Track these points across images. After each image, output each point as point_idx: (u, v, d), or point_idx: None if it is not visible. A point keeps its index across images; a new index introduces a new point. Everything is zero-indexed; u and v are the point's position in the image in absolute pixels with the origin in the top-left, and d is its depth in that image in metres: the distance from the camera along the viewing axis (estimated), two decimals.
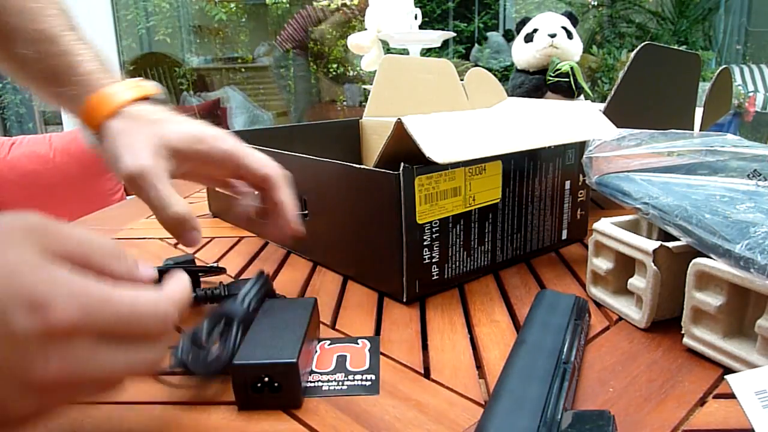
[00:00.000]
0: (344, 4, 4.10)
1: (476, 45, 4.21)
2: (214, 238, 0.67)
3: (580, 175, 0.58)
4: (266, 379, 0.33)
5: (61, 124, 2.36)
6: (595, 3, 4.22)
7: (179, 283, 0.28)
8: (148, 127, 0.40)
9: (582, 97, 1.20)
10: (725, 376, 0.34)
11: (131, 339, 0.25)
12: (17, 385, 0.22)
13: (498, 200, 0.51)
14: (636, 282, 0.41)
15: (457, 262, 0.49)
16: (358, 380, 0.36)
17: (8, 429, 0.23)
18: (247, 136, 0.71)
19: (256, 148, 0.62)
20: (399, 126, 0.43)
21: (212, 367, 0.34)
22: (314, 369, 0.37)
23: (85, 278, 0.23)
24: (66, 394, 0.24)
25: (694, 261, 0.37)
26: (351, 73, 4.22)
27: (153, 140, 0.39)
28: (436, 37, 1.35)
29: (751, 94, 3.59)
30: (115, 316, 0.23)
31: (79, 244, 0.25)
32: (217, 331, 0.36)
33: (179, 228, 0.39)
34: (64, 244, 0.24)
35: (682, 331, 0.38)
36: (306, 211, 0.56)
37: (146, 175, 0.37)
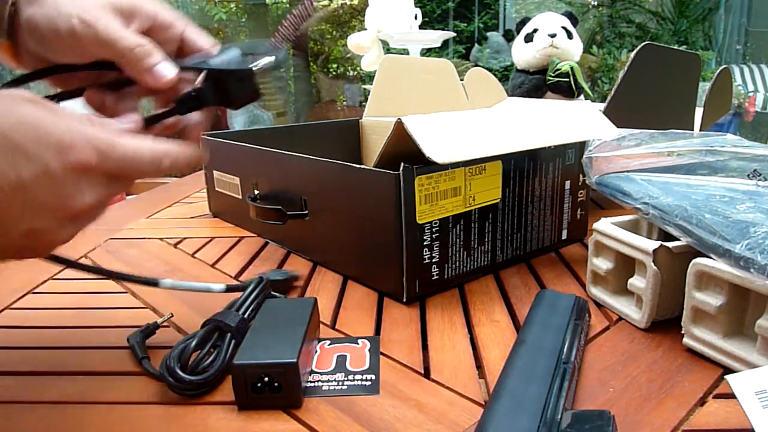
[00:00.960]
0: (344, 4, 4.10)
1: (476, 45, 4.21)
2: (214, 238, 0.67)
3: (580, 175, 0.58)
4: (266, 379, 0.33)
5: None
6: (595, 3, 4.22)
7: (175, 144, 0.32)
8: None
9: (582, 97, 1.20)
10: (725, 376, 0.34)
11: (129, 177, 0.30)
12: (61, 216, 0.27)
13: (498, 200, 0.51)
14: (636, 282, 0.41)
15: (457, 262, 0.49)
16: (358, 380, 0.36)
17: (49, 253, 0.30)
18: (248, 136, 0.71)
19: (256, 148, 0.63)
20: (399, 126, 0.43)
21: (192, 384, 0.34)
22: (314, 369, 0.37)
23: (94, 126, 0.28)
24: (89, 220, 0.30)
25: (694, 261, 0.37)
26: (351, 74, 4.23)
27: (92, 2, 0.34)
28: (436, 37, 1.35)
29: (751, 94, 3.59)
30: (121, 160, 0.28)
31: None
32: (210, 343, 0.36)
33: (142, 58, 0.34)
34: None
35: (682, 331, 0.38)
36: (306, 211, 0.56)
37: (90, 19, 0.33)
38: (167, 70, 0.34)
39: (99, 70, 0.35)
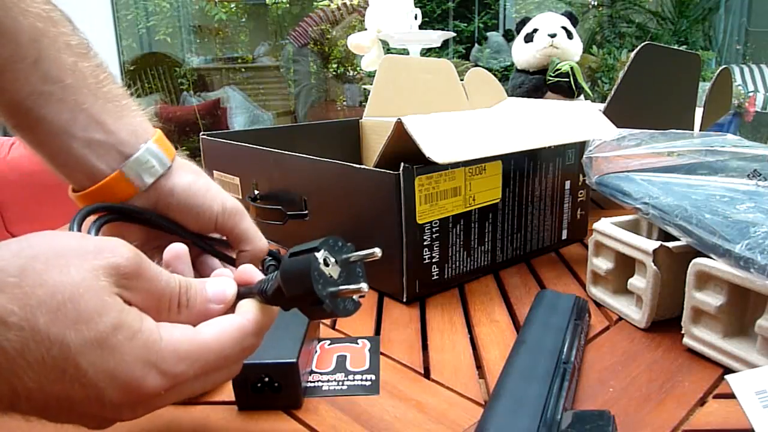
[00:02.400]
0: (344, 4, 4.10)
1: (476, 45, 4.21)
2: None
3: (580, 175, 0.58)
4: (266, 379, 0.33)
5: None
6: (595, 3, 4.22)
7: (257, 306, 0.28)
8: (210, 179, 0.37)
9: (582, 97, 1.20)
10: (725, 376, 0.34)
11: (219, 369, 0.27)
12: (105, 420, 0.25)
13: (498, 200, 0.51)
14: (636, 282, 0.41)
15: (457, 262, 0.49)
16: (358, 380, 0.36)
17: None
18: (248, 136, 0.71)
19: (255, 148, 0.63)
20: (399, 126, 0.43)
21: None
22: (314, 369, 0.37)
23: (171, 335, 0.25)
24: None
25: (694, 261, 0.37)
26: (351, 73, 4.22)
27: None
28: (436, 37, 1.35)
29: (751, 94, 3.59)
30: (204, 364, 0.25)
31: (157, 293, 0.25)
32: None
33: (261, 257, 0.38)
34: (145, 295, 0.25)
35: (682, 331, 0.38)
36: (306, 211, 0.56)
37: (242, 210, 0.37)
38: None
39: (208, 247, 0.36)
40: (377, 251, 0.29)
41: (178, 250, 0.32)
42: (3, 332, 0.21)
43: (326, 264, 0.27)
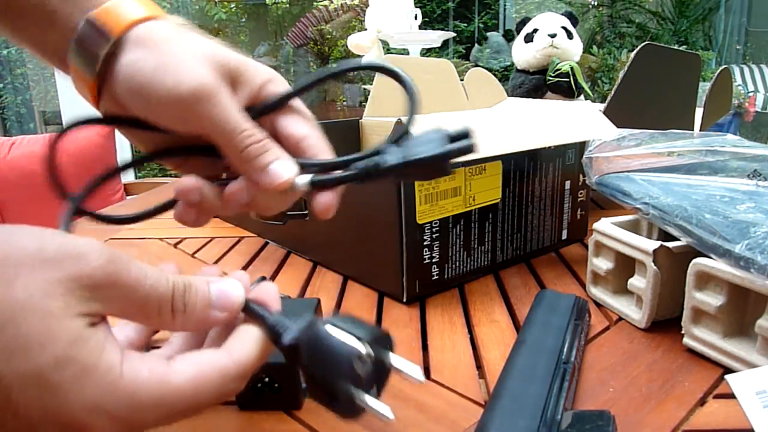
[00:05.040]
0: (344, 4, 4.10)
1: (476, 45, 4.21)
2: (214, 238, 0.67)
3: (580, 175, 0.58)
4: (266, 379, 0.33)
5: (61, 124, 2.37)
6: (595, 3, 4.22)
7: (251, 343, 0.24)
8: (194, 41, 0.28)
9: (582, 97, 1.20)
10: (725, 376, 0.34)
11: (186, 413, 0.23)
12: None
13: (498, 200, 0.51)
14: (636, 282, 0.41)
15: (457, 262, 0.49)
16: None
17: None
18: None
19: None
20: (399, 126, 0.43)
21: None
22: None
23: (135, 375, 0.20)
24: None
25: (694, 261, 0.37)
26: (351, 74, 4.22)
27: (206, 54, 0.28)
28: (436, 37, 1.35)
29: (751, 94, 3.59)
30: (170, 412, 0.21)
31: (140, 300, 0.22)
32: None
33: (259, 157, 0.28)
34: (125, 304, 0.21)
35: (682, 331, 0.38)
36: (306, 211, 0.56)
37: (209, 92, 0.27)
38: (284, 170, 0.28)
39: (201, 155, 0.30)
40: (418, 375, 0.23)
41: (183, 185, 0.28)
42: None
43: (361, 361, 0.22)
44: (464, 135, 0.26)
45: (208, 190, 0.29)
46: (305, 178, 0.29)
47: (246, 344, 0.23)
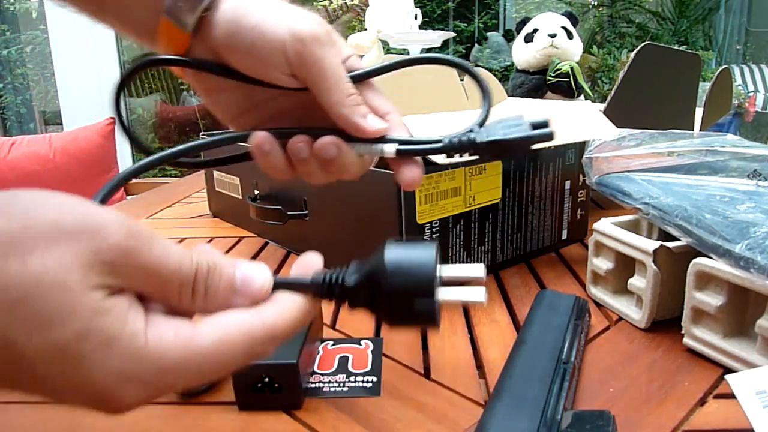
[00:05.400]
0: (344, 4, 4.10)
1: (476, 45, 4.20)
2: (214, 238, 0.67)
3: (580, 175, 0.58)
4: (266, 379, 0.33)
5: (61, 124, 2.36)
6: (595, 3, 4.21)
7: (284, 306, 0.23)
8: (288, 3, 0.30)
9: (582, 97, 1.20)
10: (725, 376, 0.34)
11: (213, 375, 0.22)
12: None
13: (498, 200, 0.51)
14: (636, 282, 0.41)
15: (457, 262, 0.49)
16: (359, 382, 0.36)
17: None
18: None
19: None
20: None
21: None
22: (316, 370, 0.37)
23: (160, 339, 0.20)
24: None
25: (694, 261, 0.37)
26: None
27: (308, 12, 0.30)
28: (436, 37, 1.35)
29: (751, 94, 3.59)
30: (197, 374, 0.21)
31: (161, 278, 0.21)
32: None
33: (360, 106, 0.30)
34: (145, 280, 0.21)
35: (682, 331, 0.38)
36: (306, 211, 0.56)
37: (325, 38, 0.29)
38: (379, 121, 0.31)
39: (284, 89, 0.30)
40: (480, 273, 0.24)
41: (258, 139, 0.29)
42: None
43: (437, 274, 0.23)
44: (544, 124, 0.29)
45: (277, 146, 0.30)
46: (392, 146, 0.30)
47: (278, 307, 0.23)
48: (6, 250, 0.18)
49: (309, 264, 0.26)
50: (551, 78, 1.21)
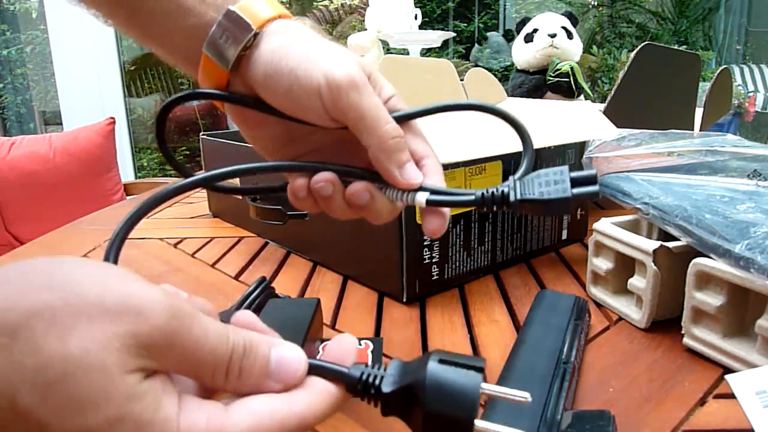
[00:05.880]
0: (344, 4, 4.10)
1: (476, 45, 4.20)
2: (214, 238, 0.67)
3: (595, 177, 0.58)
4: None
5: (61, 124, 2.36)
6: (595, 3, 4.21)
7: (318, 397, 0.22)
8: (331, 42, 0.31)
9: (582, 97, 1.20)
10: (725, 376, 0.34)
11: None
12: None
13: None
14: (636, 282, 0.41)
15: (457, 262, 0.49)
16: None
17: None
18: None
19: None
20: None
21: None
22: None
23: (191, 426, 0.19)
24: None
25: (694, 261, 0.37)
26: None
27: (348, 54, 0.30)
28: (436, 37, 1.35)
29: (751, 94, 3.59)
30: None
31: (196, 361, 0.21)
32: None
33: (400, 153, 0.29)
34: (181, 364, 0.20)
35: (682, 331, 0.38)
36: (306, 211, 0.56)
37: (363, 81, 0.29)
38: (416, 173, 0.29)
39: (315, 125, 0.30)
40: (526, 397, 0.22)
41: (322, 177, 0.29)
42: None
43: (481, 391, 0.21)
44: (590, 180, 0.27)
45: (339, 187, 0.30)
46: (423, 195, 0.29)
47: (311, 395, 0.22)
48: (46, 326, 0.18)
49: (345, 346, 0.24)
50: (551, 78, 1.21)
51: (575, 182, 0.27)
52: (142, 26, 0.31)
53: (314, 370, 0.23)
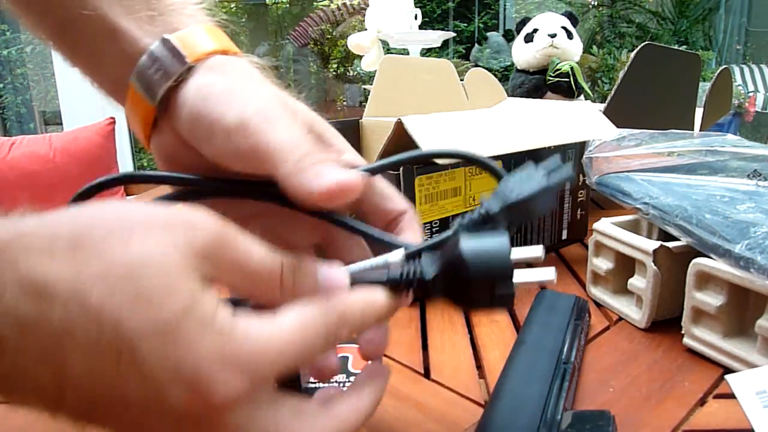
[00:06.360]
0: (344, 4, 4.10)
1: (476, 45, 4.20)
2: None
3: (580, 175, 0.58)
4: None
5: (61, 124, 2.36)
6: (595, 3, 4.22)
7: (357, 297, 0.23)
8: (273, 85, 0.27)
9: (582, 97, 1.21)
10: (725, 376, 0.34)
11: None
12: None
13: None
14: (636, 282, 0.41)
15: None
16: None
17: None
18: None
19: None
20: (399, 126, 0.43)
21: None
22: None
23: (248, 327, 0.20)
24: None
25: (694, 261, 0.37)
26: (351, 74, 4.22)
27: (282, 98, 0.27)
28: (436, 37, 1.35)
29: (751, 94, 3.59)
30: (285, 357, 0.20)
31: (249, 271, 0.21)
32: None
33: (315, 166, 0.24)
34: (235, 275, 0.21)
35: (682, 331, 0.38)
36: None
37: (272, 114, 0.25)
38: (330, 175, 0.24)
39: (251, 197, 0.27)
40: (539, 253, 0.24)
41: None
42: (48, 305, 0.17)
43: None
44: (558, 165, 0.27)
45: None
46: (399, 253, 0.26)
47: (352, 298, 0.23)
48: (105, 235, 0.18)
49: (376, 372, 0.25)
50: (551, 78, 1.21)
51: (547, 171, 0.27)
52: (71, 44, 0.29)
53: (357, 282, 0.24)
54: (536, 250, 0.24)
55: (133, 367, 0.18)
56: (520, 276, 0.23)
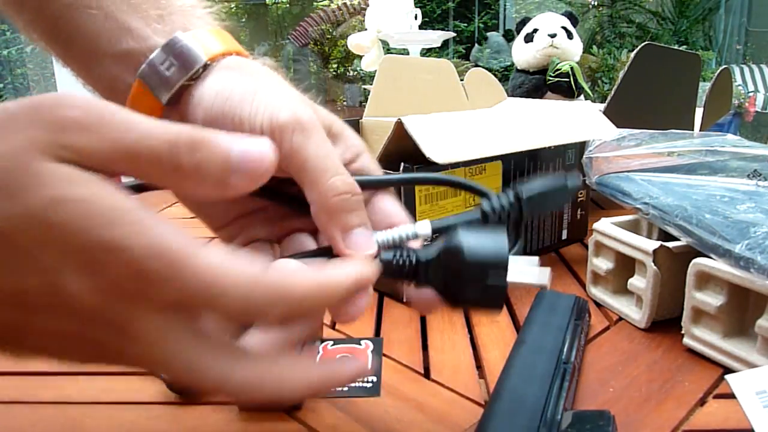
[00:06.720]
0: (344, 4, 4.10)
1: (476, 45, 4.21)
2: (214, 238, 0.67)
3: (580, 175, 0.58)
4: None
5: None
6: (595, 3, 4.22)
7: (346, 267, 0.23)
8: (289, 85, 0.27)
9: (582, 97, 1.21)
10: (725, 376, 0.34)
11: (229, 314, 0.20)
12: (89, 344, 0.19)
13: None
14: (636, 282, 0.41)
15: None
16: (359, 381, 0.36)
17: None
18: None
19: None
20: (399, 126, 0.43)
21: None
22: None
23: (202, 248, 0.19)
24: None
25: (694, 261, 0.37)
26: (351, 74, 4.23)
27: (305, 99, 0.26)
28: (436, 37, 1.36)
29: (751, 94, 3.59)
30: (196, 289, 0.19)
31: (126, 147, 0.19)
32: None
33: (344, 210, 0.24)
34: (110, 150, 0.19)
35: (682, 331, 0.38)
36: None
37: (312, 124, 0.24)
38: (366, 242, 0.25)
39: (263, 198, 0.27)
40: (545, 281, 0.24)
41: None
42: None
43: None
44: (569, 176, 0.28)
45: None
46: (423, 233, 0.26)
47: (341, 267, 0.22)
48: None
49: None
50: (551, 78, 1.21)
51: (566, 178, 0.28)
52: (65, 43, 0.28)
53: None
54: (542, 276, 0.24)
55: (17, 259, 0.17)
56: (514, 274, 0.23)
